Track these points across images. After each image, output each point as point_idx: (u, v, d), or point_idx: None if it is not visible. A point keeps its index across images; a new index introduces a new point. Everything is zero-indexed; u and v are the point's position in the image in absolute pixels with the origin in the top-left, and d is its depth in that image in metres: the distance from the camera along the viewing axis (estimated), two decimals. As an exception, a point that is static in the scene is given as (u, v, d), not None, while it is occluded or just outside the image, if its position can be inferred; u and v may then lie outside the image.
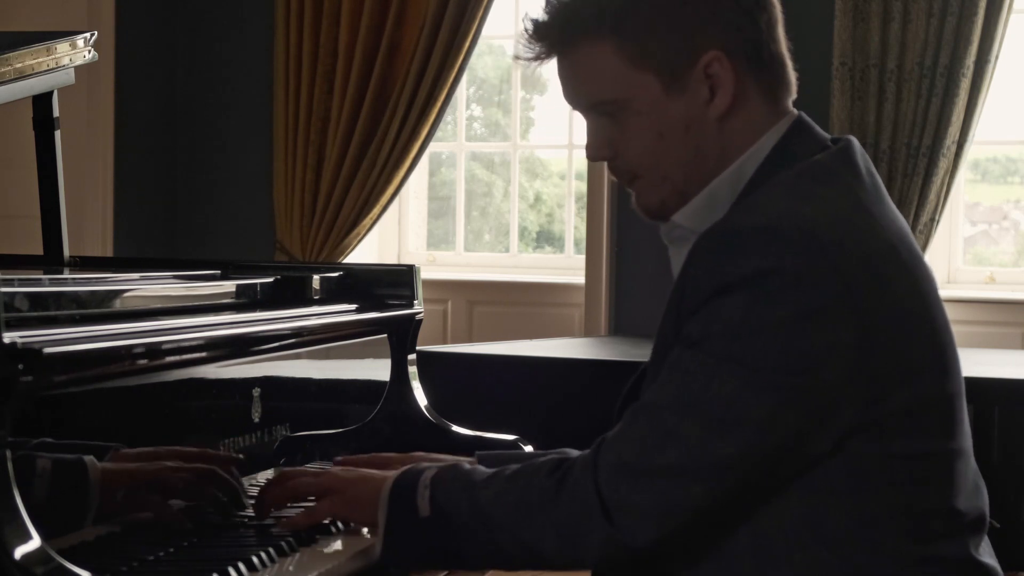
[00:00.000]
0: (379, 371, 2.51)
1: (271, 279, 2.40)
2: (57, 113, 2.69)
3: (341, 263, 4.45)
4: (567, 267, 6.19)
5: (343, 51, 5.82)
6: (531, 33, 1.85)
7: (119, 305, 1.99)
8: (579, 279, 5.89)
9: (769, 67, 1.83)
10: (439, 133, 6.08)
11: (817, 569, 1.70)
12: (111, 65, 5.98)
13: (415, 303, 2.54)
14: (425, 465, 1.87)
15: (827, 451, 1.68)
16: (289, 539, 1.86)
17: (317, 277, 2.48)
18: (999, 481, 2.63)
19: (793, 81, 1.86)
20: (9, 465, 1.52)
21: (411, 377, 2.52)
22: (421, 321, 2.56)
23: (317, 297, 2.46)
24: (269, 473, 2.18)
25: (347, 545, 1.89)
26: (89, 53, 2.69)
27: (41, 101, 2.68)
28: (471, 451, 2.15)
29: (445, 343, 5.92)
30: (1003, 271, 5.71)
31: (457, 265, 6.37)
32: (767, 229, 1.68)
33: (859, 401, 1.67)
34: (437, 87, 5.71)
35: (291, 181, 5.95)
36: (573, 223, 6.30)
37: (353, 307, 2.45)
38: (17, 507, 1.51)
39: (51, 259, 2.69)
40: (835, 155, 1.80)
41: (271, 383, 2.18)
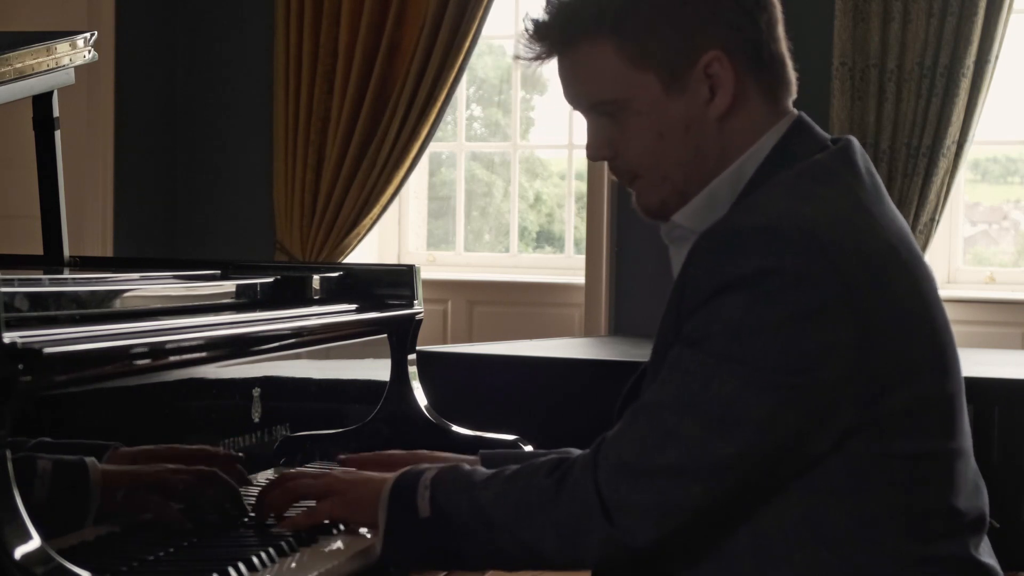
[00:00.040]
0: (379, 371, 2.51)
1: (271, 279, 2.40)
2: (57, 113, 2.69)
3: (341, 263, 4.44)
4: (567, 267, 6.19)
5: (343, 51, 5.82)
6: (531, 33, 1.85)
7: (119, 305, 1.99)
8: (579, 279, 5.88)
9: (769, 67, 1.83)
10: (439, 133, 6.08)
11: (817, 569, 1.70)
12: (111, 65, 5.97)
13: (415, 303, 2.54)
14: (425, 466, 1.87)
15: (827, 451, 1.68)
16: (289, 539, 1.86)
17: (317, 277, 2.48)
18: (999, 481, 2.63)
19: (793, 81, 1.86)
20: (9, 465, 1.52)
21: (411, 377, 2.52)
22: (421, 321, 2.56)
23: (317, 297, 2.46)
24: (269, 473, 2.18)
25: (347, 545, 1.89)
26: (89, 53, 2.69)
27: (41, 101, 2.68)
28: (471, 451, 2.15)
29: (445, 343, 5.92)
30: (1003, 271, 5.71)
31: (457, 265, 6.37)
32: (767, 229, 1.68)
33: (859, 401, 1.67)
34: (437, 87, 5.71)
35: (291, 181, 5.95)
36: (573, 223, 6.30)
37: (353, 307, 2.45)
38: (17, 507, 1.51)
39: (51, 259, 2.69)
40: (835, 155, 1.80)
41: (271, 383, 2.18)
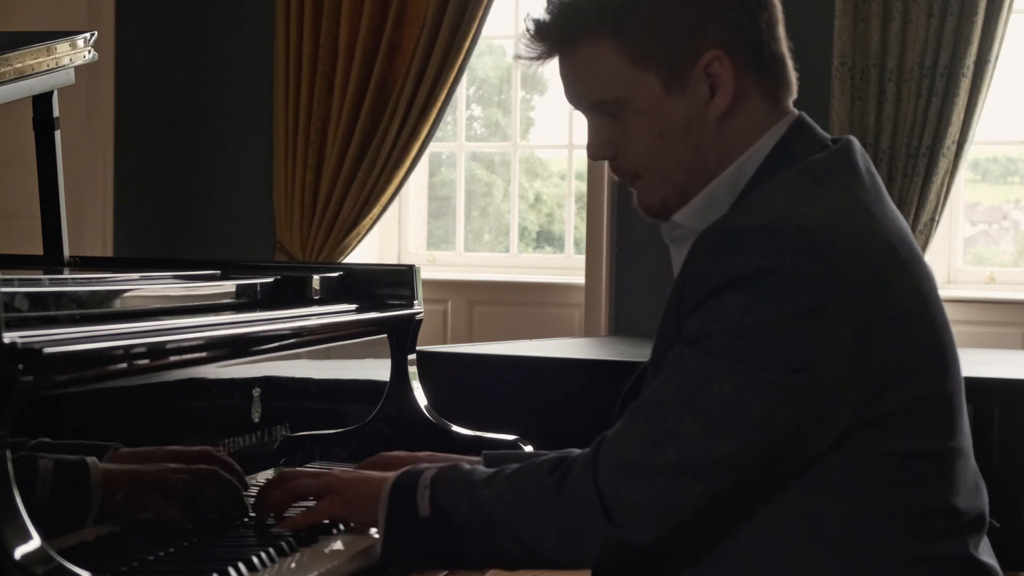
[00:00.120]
0: (379, 371, 2.50)
1: (271, 279, 2.40)
2: (57, 113, 2.69)
3: (341, 263, 4.44)
4: (567, 267, 6.19)
5: (343, 51, 5.82)
6: (533, 33, 1.85)
7: (119, 305, 1.99)
8: (579, 279, 5.88)
9: (769, 67, 1.83)
10: (439, 133, 6.08)
11: (817, 568, 1.70)
12: (111, 65, 5.98)
13: (415, 303, 2.54)
14: (424, 465, 1.87)
15: (826, 450, 1.68)
16: (289, 539, 1.86)
17: (317, 277, 2.48)
18: (999, 481, 2.63)
19: (793, 81, 1.86)
20: (9, 465, 1.52)
21: (411, 377, 2.52)
22: (421, 321, 2.56)
23: (317, 297, 2.46)
24: (269, 473, 2.18)
25: (347, 545, 1.89)
26: (89, 53, 2.69)
27: (41, 101, 2.68)
28: (471, 451, 2.15)
29: (445, 343, 5.92)
30: (1003, 271, 5.71)
31: (457, 265, 6.37)
32: (767, 228, 1.68)
33: (858, 399, 1.67)
34: (437, 87, 5.71)
35: (291, 181, 5.95)
36: (573, 223, 6.30)
37: (353, 307, 2.45)
38: (17, 507, 1.51)
39: (51, 259, 2.69)
40: (835, 154, 1.80)
41: (271, 383, 2.18)
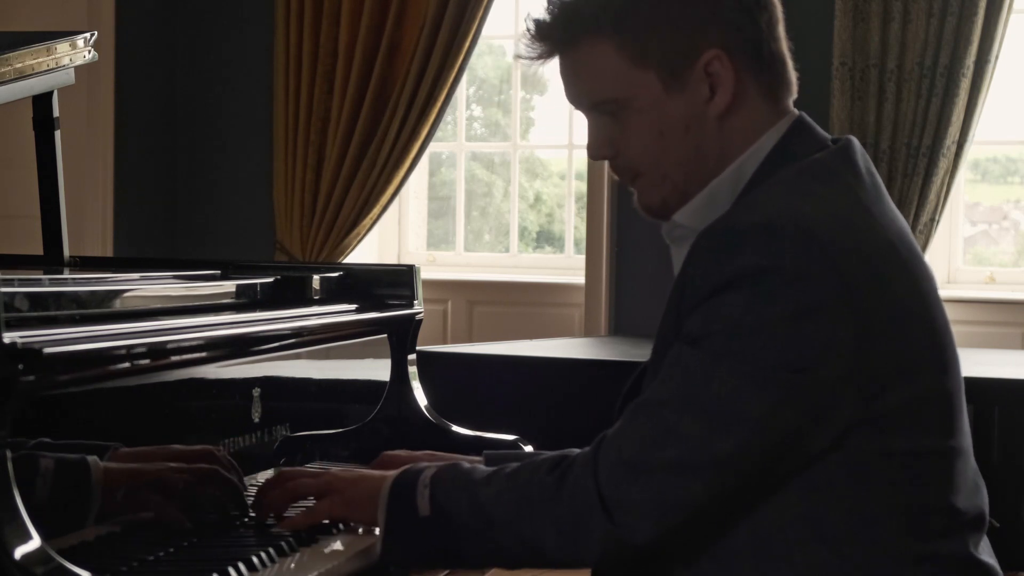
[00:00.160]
0: (379, 371, 2.50)
1: (271, 279, 2.40)
2: (57, 113, 2.69)
3: (341, 263, 4.44)
4: (567, 267, 6.19)
5: (343, 51, 5.82)
6: (533, 33, 1.86)
7: (119, 305, 1.99)
8: (579, 279, 5.88)
9: (769, 66, 1.83)
10: (439, 133, 6.08)
11: (816, 567, 1.70)
12: (111, 65, 5.98)
13: (415, 303, 2.54)
14: (424, 464, 1.87)
15: (826, 448, 1.69)
16: (289, 539, 1.85)
17: (317, 277, 2.48)
18: (999, 481, 2.63)
19: (794, 80, 1.86)
20: (9, 465, 1.52)
21: (411, 377, 2.52)
22: (421, 321, 2.55)
23: (317, 297, 2.46)
24: (269, 473, 2.17)
25: (347, 545, 1.89)
26: (89, 53, 2.69)
27: (41, 101, 2.68)
28: (472, 451, 2.15)
29: (445, 343, 5.92)
30: (1003, 271, 5.71)
31: (457, 265, 6.37)
32: (766, 227, 1.68)
33: (858, 398, 1.67)
34: (437, 87, 5.71)
35: (291, 181, 5.95)
36: (573, 223, 6.30)
37: (353, 307, 2.45)
38: (17, 507, 1.51)
39: (51, 259, 2.69)
40: (835, 154, 1.80)
41: (271, 383, 2.18)
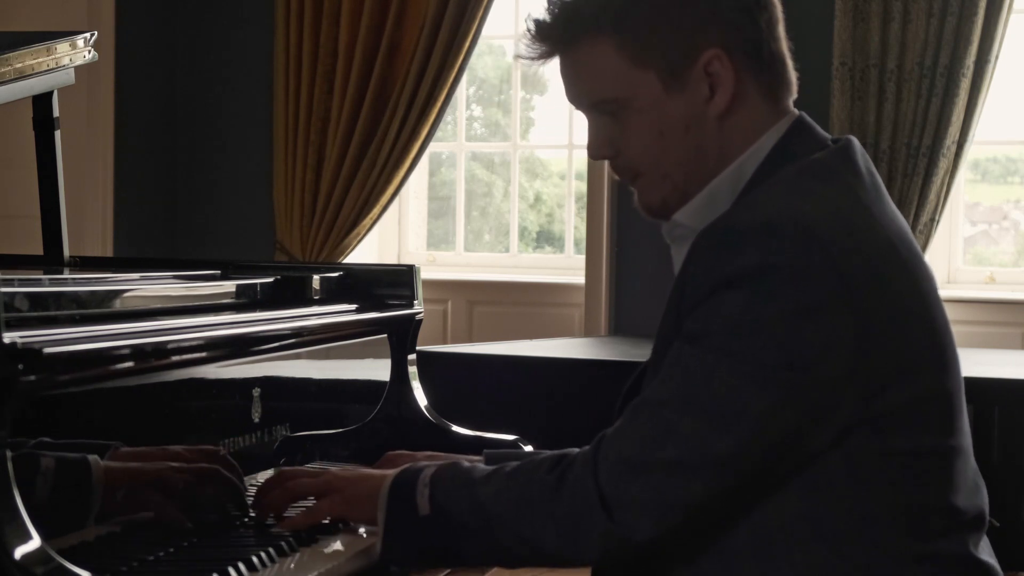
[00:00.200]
0: (379, 371, 2.50)
1: (271, 279, 2.40)
2: (57, 113, 2.69)
3: (341, 263, 4.44)
4: (567, 267, 6.19)
5: (343, 51, 5.82)
6: (533, 33, 1.86)
7: (119, 305, 1.99)
8: (579, 279, 5.88)
9: (769, 66, 1.83)
10: (439, 133, 6.08)
11: (816, 566, 1.69)
12: (111, 65, 5.98)
13: (415, 303, 2.54)
14: (424, 463, 1.86)
15: (826, 447, 1.69)
16: (289, 539, 1.85)
17: (317, 277, 2.48)
18: (999, 481, 2.63)
19: (793, 80, 1.86)
20: (9, 465, 1.52)
21: (411, 377, 2.52)
22: (421, 321, 2.55)
23: (317, 297, 2.46)
24: (269, 473, 2.17)
25: (347, 545, 1.89)
26: (89, 53, 2.69)
27: (41, 101, 2.68)
28: (472, 451, 2.15)
29: (445, 343, 5.92)
30: (1003, 271, 5.71)
31: (457, 265, 6.37)
32: (766, 226, 1.68)
33: (858, 397, 1.67)
34: (437, 87, 5.71)
35: (291, 181, 5.95)
36: (573, 223, 6.30)
37: (353, 307, 2.45)
38: (17, 507, 1.51)
39: (51, 259, 2.69)
40: (835, 153, 1.80)
41: (271, 383, 2.18)
